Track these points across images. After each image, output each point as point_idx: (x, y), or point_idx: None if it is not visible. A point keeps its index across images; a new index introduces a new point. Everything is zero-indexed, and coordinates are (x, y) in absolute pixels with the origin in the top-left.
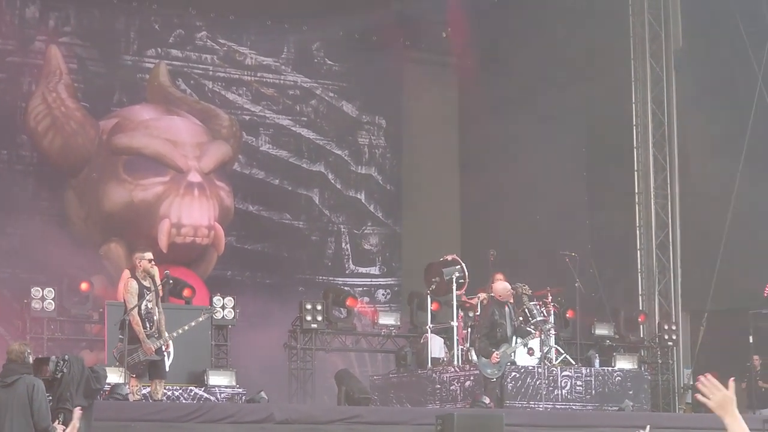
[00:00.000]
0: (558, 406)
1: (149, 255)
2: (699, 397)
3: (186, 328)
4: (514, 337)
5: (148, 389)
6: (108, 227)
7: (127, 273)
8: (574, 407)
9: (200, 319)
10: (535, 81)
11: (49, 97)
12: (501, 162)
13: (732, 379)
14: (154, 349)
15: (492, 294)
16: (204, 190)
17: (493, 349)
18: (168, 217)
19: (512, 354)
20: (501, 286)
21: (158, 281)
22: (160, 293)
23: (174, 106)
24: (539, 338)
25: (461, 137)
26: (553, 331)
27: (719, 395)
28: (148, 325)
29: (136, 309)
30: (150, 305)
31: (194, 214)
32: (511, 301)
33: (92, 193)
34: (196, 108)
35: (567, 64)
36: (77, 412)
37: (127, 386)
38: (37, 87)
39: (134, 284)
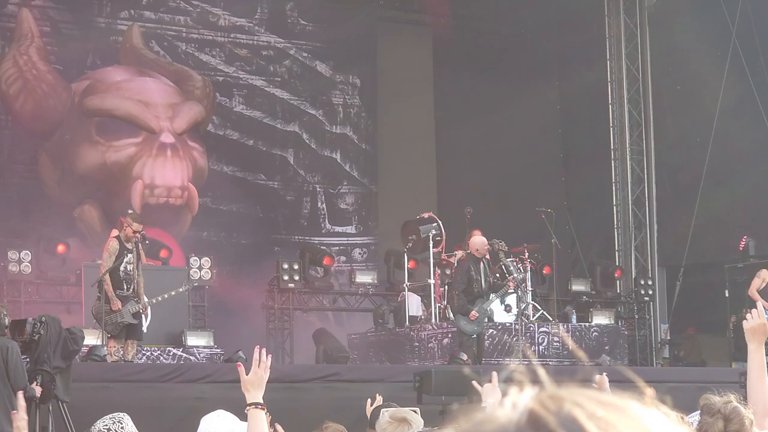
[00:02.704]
0: (536, 362)
1: (138, 227)
2: (745, 323)
3: (165, 296)
4: (490, 293)
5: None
6: (82, 189)
7: (115, 232)
8: (550, 363)
9: (180, 289)
10: (509, 38)
11: (21, 60)
12: (476, 120)
13: None
14: (130, 311)
15: (469, 251)
16: (177, 151)
17: (470, 307)
18: (141, 178)
19: (489, 309)
20: (478, 240)
21: (141, 247)
22: (143, 259)
23: (147, 67)
24: (516, 294)
25: (436, 95)
26: (529, 287)
27: (757, 322)
28: (125, 287)
29: (109, 269)
30: (130, 267)
31: (167, 175)
32: (487, 257)
33: (65, 155)
34: (169, 69)
35: (540, 20)
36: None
37: (105, 347)
38: (8, 50)
39: (115, 244)
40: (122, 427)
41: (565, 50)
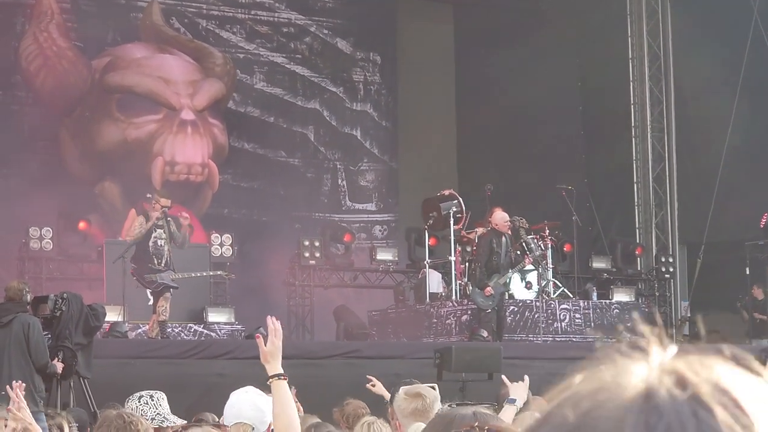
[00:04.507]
0: (558, 339)
1: (167, 202)
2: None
3: (195, 275)
4: (509, 269)
5: (145, 327)
6: (102, 166)
7: (134, 212)
8: (574, 339)
9: (217, 272)
10: (530, 14)
11: (41, 36)
12: (497, 97)
13: None
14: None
15: (489, 227)
16: (197, 128)
17: (487, 282)
18: (161, 154)
19: (505, 284)
20: (500, 215)
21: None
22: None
23: (167, 44)
24: (537, 272)
25: (457, 72)
26: (550, 264)
27: None
28: (155, 261)
29: (137, 234)
30: (161, 242)
31: (188, 152)
32: (509, 233)
33: (85, 132)
34: (189, 46)
35: None
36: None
37: (126, 324)
38: (29, 27)
39: (141, 220)
40: (159, 405)
41: (586, 27)
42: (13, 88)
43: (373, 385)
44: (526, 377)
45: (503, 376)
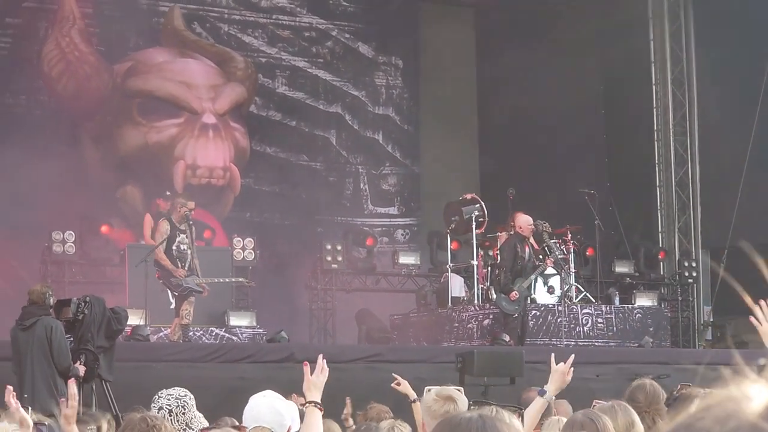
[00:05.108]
0: (581, 343)
1: (192, 204)
2: (752, 319)
3: (217, 280)
4: (532, 273)
5: (167, 331)
6: (124, 170)
7: (149, 217)
8: (596, 343)
9: (239, 279)
10: (552, 18)
11: (63, 41)
12: (519, 100)
13: None
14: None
15: (512, 232)
16: (219, 132)
17: (512, 286)
18: (183, 158)
19: (528, 288)
20: (524, 219)
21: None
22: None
23: (188, 49)
24: (559, 276)
25: (478, 76)
26: (572, 269)
27: None
28: (179, 265)
29: (162, 246)
30: (183, 246)
31: (209, 156)
32: (531, 238)
33: (107, 136)
34: (210, 51)
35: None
36: (72, 386)
37: (148, 327)
38: (51, 32)
39: (166, 225)
40: (187, 405)
41: (608, 31)
42: (35, 93)
43: (398, 384)
44: (572, 356)
45: (552, 355)
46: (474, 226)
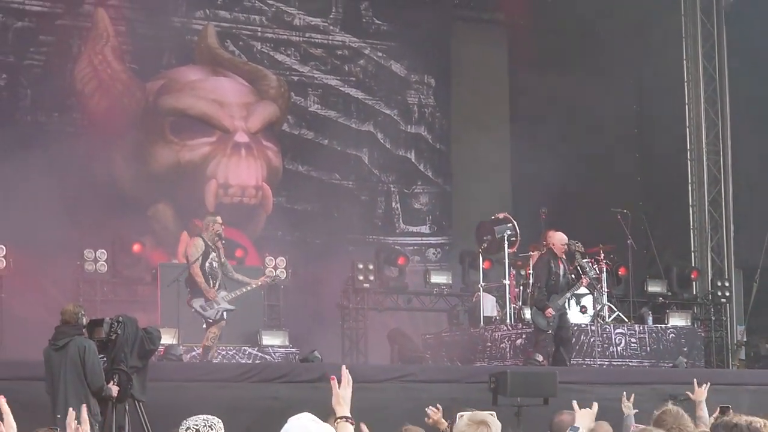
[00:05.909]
0: (614, 363)
1: (219, 219)
2: None
3: (244, 289)
4: (566, 291)
5: (199, 350)
6: (155, 188)
7: (186, 235)
8: (630, 363)
9: (264, 279)
10: (584, 36)
11: (95, 59)
12: (551, 119)
13: None
14: (225, 299)
15: (544, 250)
16: (251, 150)
17: (547, 303)
18: (215, 177)
19: (563, 305)
20: (559, 236)
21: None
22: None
23: (221, 67)
24: (592, 296)
25: (511, 95)
26: (605, 288)
27: None
28: (212, 283)
29: (197, 263)
30: (215, 264)
31: (241, 174)
32: (564, 256)
33: (139, 154)
34: (243, 69)
35: (617, 19)
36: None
37: (182, 347)
38: (84, 50)
39: (200, 242)
40: (215, 425)
41: (641, 50)
42: (68, 111)
43: (429, 418)
44: (595, 405)
45: (574, 402)
46: (506, 246)
